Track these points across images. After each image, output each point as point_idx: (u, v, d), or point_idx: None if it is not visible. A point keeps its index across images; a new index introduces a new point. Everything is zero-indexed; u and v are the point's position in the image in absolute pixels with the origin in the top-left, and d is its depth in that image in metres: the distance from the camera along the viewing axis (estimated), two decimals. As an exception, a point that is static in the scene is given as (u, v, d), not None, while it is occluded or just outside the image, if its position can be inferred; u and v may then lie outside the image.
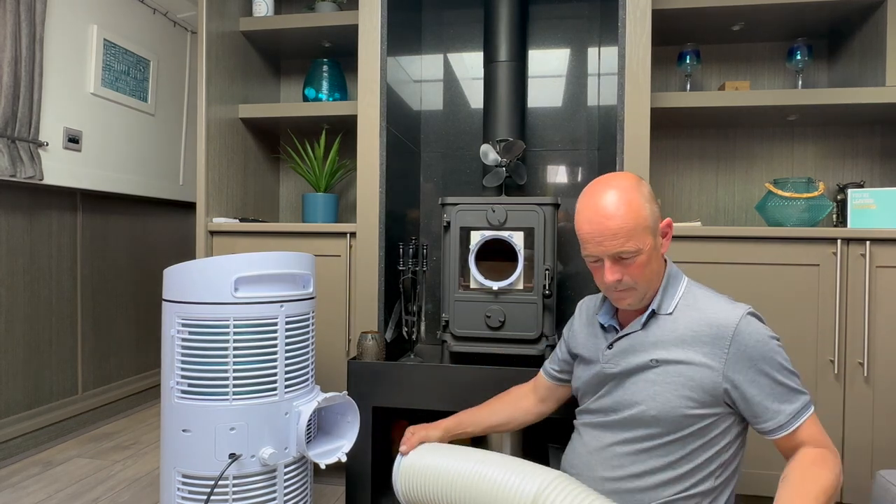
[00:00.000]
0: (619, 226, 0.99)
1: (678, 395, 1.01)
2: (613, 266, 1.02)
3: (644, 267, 1.02)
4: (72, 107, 2.35)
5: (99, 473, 2.03)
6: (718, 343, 0.99)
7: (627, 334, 1.09)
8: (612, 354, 1.10)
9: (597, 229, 1.01)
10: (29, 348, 2.27)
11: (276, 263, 1.35)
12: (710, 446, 1.02)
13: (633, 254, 1.00)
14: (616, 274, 1.02)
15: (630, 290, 1.04)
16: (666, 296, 1.07)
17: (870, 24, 1.88)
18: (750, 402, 0.99)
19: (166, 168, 2.99)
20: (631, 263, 1.01)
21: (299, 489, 1.39)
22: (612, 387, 1.09)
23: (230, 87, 2.12)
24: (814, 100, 1.81)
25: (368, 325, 1.84)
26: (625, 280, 1.03)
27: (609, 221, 1.00)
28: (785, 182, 1.82)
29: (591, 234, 1.02)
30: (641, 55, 1.72)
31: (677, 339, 1.03)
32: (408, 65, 2.13)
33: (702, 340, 1.01)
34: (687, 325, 1.03)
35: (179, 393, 1.30)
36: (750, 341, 0.98)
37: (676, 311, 1.05)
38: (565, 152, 2.16)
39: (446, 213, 1.71)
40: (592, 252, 1.04)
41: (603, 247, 1.01)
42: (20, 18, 2.05)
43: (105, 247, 2.68)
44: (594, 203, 1.03)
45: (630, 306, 1.07)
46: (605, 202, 1.01)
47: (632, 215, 1.00)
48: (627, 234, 0.99)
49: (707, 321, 1.01)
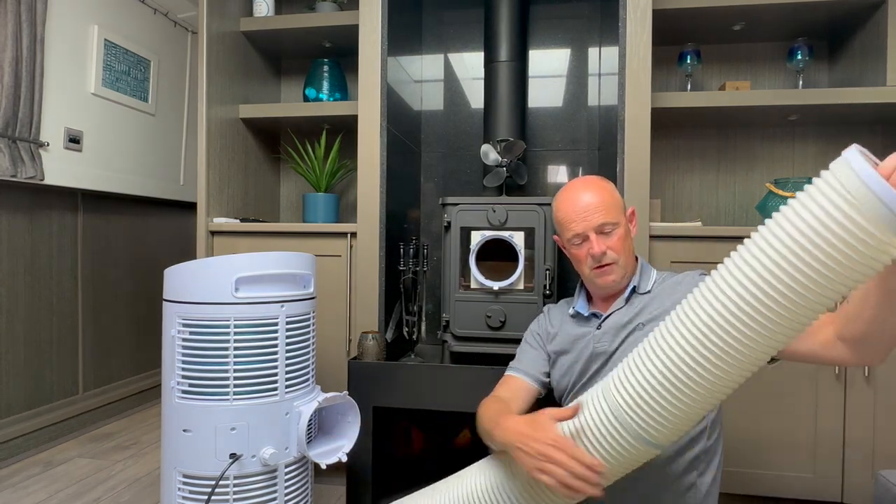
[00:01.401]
0: (600, 201, 1.15)
1: None
2: (599, 238, 1.15)
3: (623, 241, 1.15)
4: (72, 107, 2.35)
5: (99, 473, 2.03)
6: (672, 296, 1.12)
7: (612, 312, 1.18)
8: (601, 334, 1.18)
9: (580, 206, 1.15)
10: (29, 348, 2.27)
11: (277, 263, 1.35)
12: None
13: (613, 225, 1.15)
14: (602, 245, 1.14)
15: (613, 266, 1.16)
16: (643, 277, 1.20)
17: (870, 23, 1.88)
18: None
19: (167, 168, 2.99)
20: (612, 236, 1.15)
21: (300, 489, 1.39)
22: (601, 364, 1.17)
23: (231, 87, 2.12)
24: (814, 100, 1.81)
25: (369, 325, 1.84)
26: (608, 253, 1.14)
27: (590, 199, 1.15)
28: (785, 182, 1.82)
29: (576, 212, 1.16)
30: (642, 55, 1.72)
31: (658, 307, 1.13)
32: (408, 65, 2.14)
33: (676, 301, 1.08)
34: (665, 302, 1.14)
35: (180, 393, 1.30)
36: (686, 285, 1.13)
37: (654, 290, 1.18)
38: (566, 152, 2.16)
39: (447, 213, 1.71)
40: (577, 230, 1.16)
41: (587, 221, 1.15)
42: (21, 19, 2.05)
43: (106, 247, 2.68)
44: (574, 189, 1.19)
45: (614, 284, 1.17)
46: (584, 186, 1.18)
47: (608, 193, 1.17)
48: (607, 207, 1.14)
49: (677, 290, 1.14)
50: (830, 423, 1.67)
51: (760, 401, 1.71)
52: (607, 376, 0.96)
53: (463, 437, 2.02)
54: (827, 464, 1.68)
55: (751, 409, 1.71)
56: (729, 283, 0.79)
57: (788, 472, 1.70)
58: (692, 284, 1.09)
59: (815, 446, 1.69)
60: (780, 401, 1.70)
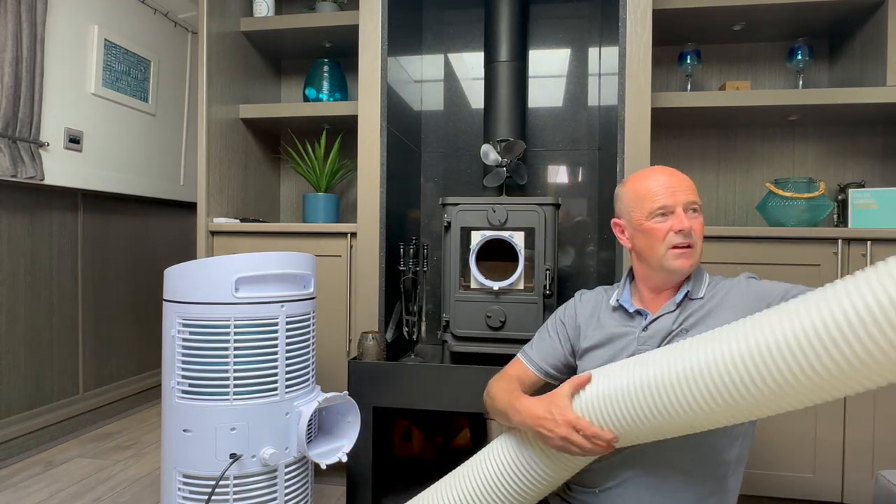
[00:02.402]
0: (682, 180, 1.12)
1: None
2: (685, 215, 1.09)
3: (702, 226, 1.12)
4: (73, 107, 2.36)
5: (100, 473, 2.04)
6: (737, 308, 1.08)
7: (662, 315, 1.13)
8: (647, 336, 1.13)
9: (669, 181, 1.12)
10: (30, 348, 2.27)
11: (277, 263, 1.35)
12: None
13: (698, 206, 1.12)
14: (685, 222, 1.09)
15: (692, 250, 1.11)
16: (696, 283, 1.15)
17: (870, 23, 1.88)
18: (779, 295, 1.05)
19: (167, 168, 2.99)
20: (696, 219, 1.11)
21: (300, 489, 1.39)
22: None
23: (231, 87, 2.12)
24: (814, 100, 1.81)
25: (369, 325, 1.84)
26: (694, 233, 1.10)
27: (679, 176, 1.13)
28: (786, 182, 1.82)
29: (665, 185, 1.11)
30: (642, 55, 1.72)
31: (705, 314, 1.10)
32: (408, 65, 2.14)
33: (727, 306, 1.10)
34: (713, 306, 1.11)
35: (180, 393, 1.30)
36: (749, 290, 1.09)
37: (705, 297, 1.13)
38: (566, 152, 2.16)
39: (447, 214, 1.71)
40: (665, 203, 1.10)
41: (676, 196, 1.10)
42: (21, 19, 2.05)
43: (106, 247, 2.68)
44: (657, 170, 1.15)
45: (689, 269, 1.12)
46: (666, 169, 1.14)
47: (688, 179, 1.13)
48: (693, 189, 1.12)
49: (725, 295, 1.12)
50: (830, 423, 1.67)
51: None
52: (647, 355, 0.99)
53: (463, 437, 2.02)
54: (827, 464, 1.68)
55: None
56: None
57: (788, 471, 1.70)
58: (743, 291, 1.09)
59: (816, 446, 1.69)
60: (780, 401, 1.70)
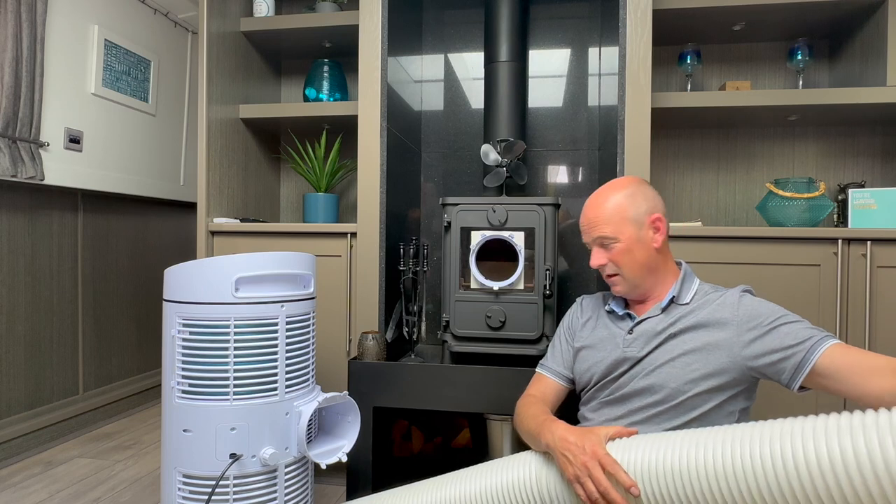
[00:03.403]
0: (597, 214, 1.18)
1: (691, 373, 1.08)
2: (598, 251, 1.19)
3: (624, 254, 1.15)
4: (73, 107, 2.36)
5: (100, 473, 2.04)
6: (727, 327, 1.08)
7: (646, 318, 1.17)
8: (632, 338, 1.17)
9: (585, 219, 1.21)
10: (30, 348, 2.27)
11: (277, 263, 1.35)
12: (710, 419, 1.08)
13: (611, 240, 1.16)
14: (599, 258, 1.18)
15: (617, 277, 1.18)
16: (683, 288, 1.18)
17: (871, 23, 1.88)
18: (776, 354, 1.03)
19: (167, 168, 2.99)
20: (612, 249, 1.16)
21: (300, 489, 1.39)
22: (628, 367, 1.16)
23: (231, 87, 2.12)
24: (815, 100, 1.81)
25: (369, 325, 1.84)
26: (608, 265, 1.18)
27: (591, 212, 1.20)
28: (786, 182, 1.82)
29: (584, 222, 1.22)
30: (642, 55, 1.72)
31: (695, 323, 1.11)
32: (408, 65, 2.14)
33: (715, 325, 1.10)
34: (701, 314, 1.12)
35: (180, 393, 1.30)
36: (745, 313, 1.08)
37: (692, 303, 1.15)
38: (566, 152, 2.16)
39: (447, 214, 1.71)
40: (585, 240, 1.23)
41: (590, 233, 1.20)
42: (21, 19, 2.05)
43: (106, 247, 2.68)
44: (589, 198, 1.23)
45: (621, 294, 1.21)
46: (594, 196, 1.21)
47: (610, 206, 1.17)
48: (605, 221, 1.16)
49: (714, 306, 1.12)
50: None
51: (760, 401, 1.71)
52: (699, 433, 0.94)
53: (463, 437, 2.02)
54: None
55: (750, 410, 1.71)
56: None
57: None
58: (734, 305, 1.09)
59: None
60: (780, 401, 1.70)
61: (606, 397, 1.17)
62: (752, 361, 1.05)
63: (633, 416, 1.12)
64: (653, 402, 1.10)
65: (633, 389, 1.12)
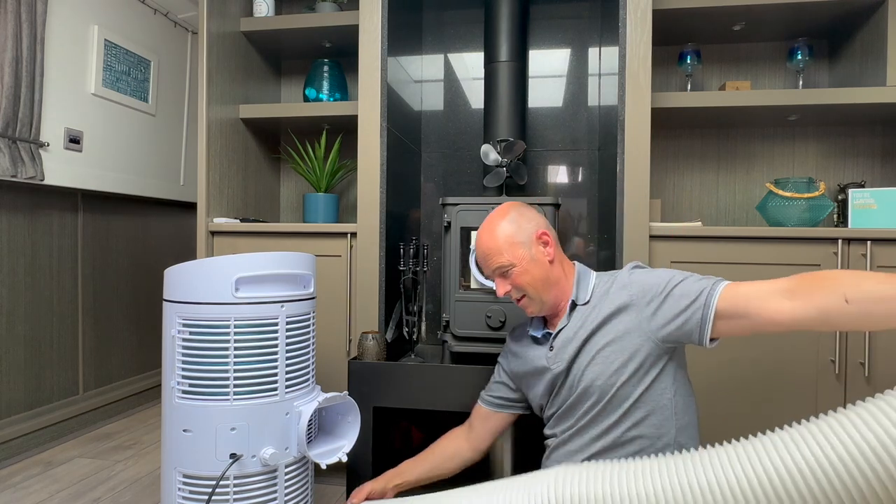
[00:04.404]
0: (490, 247, 1.21)
1: (612, 364, 1.12)
2: (500, 281, 1.22)
3: (523, 275, 1.19)
4: (73, 107, 2.36)
5: (100, 473, 2.04)
6: (630, 309, 1.13)
7: (560, 330, 1.21)
8: (554, 354, 1.21)
9: (480, 254, 1.24)
10: (30, 348, 2.27)
11: (277, 263, 1.35)
12: (647, 401, 1.11)
13: (508, 267, 1.19)
14: (504, 287, 1.21)
15: (525, 299, 1.21)
16: (580, 289, 1.22)
17: (871, 23, 1.88)
18: (678, 318, 1.06)
19: (167, 168, 2.99)
20: (511, 275, 1.20)
21: (300, 489, 1.39)
22: (562, 381, 1.20)
23: (231, 87, 2.12)
24: (815, 100, 1.81)
25: (369, 325, 1.84)
26: (513, 291, 1.21)
27: (484, 245, 1.22)
28: (786, 182, 1.82)
29: (480, 257, 1.24)
30: (642, 55, 1.72)
31: (602, 318, 1.15)
32: (408, 65, 2.14)
33: (619, 312, 1.14)
34: (604, 307, 1.16)
35: (180, 393, 1.30)
36: (642, 285, 1.13)
37: (593, 300, 1.20)
38: (566, 152, 2.16)
39: (447, 214, 1.71)
40: (485, 273, 1.26)
41: (488, 266, 1.23)
42: (21, 19, 2.05)
43: (106, 247, 2.68)
44: (478, 237, 1.26)
45: (536, 314, 1.24)
46: (481, 234, 1.25)
47: (499, 236, 1.21)
48: (498, 251, 1.20)
49: (612, 295, 1.17)
50: (830, 423, 1.67)
51: (759, 401, 1.71)
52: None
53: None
54: (827, 464, 1.68)
55: (750, 410, 1.71)
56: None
57: (788, 472, 1.70)
58: (627, 286, 1.14)
59: (816, 446, 1.69)
60: (780, 401, 1.70)
61: (556, 412, 1.22)
62: (660, 332, 1.09)
63: (581, 422, 1.16)
64: (591, 404, 1.14)
65: (574, 399, 1.17)
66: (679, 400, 1.13)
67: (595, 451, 1.13)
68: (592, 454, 1.13)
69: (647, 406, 1.11)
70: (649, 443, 1.11)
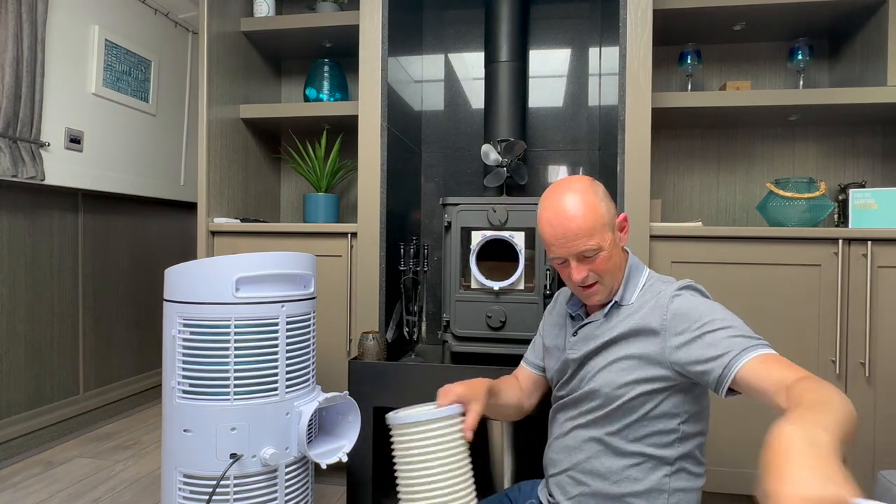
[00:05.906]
0: (580, 226, 1.05)
1: (624, 377, 1.06)
2: (579, 265, 1.08)
3: (607, 261, 1.08)
4: (73, 107, 2.36)
5: (100, 473, 2.04)
6: (655, 338, 1.04)
7: (590, 322, 1.15)
8: (575, 341, 1.15)
9: (560, 231, 1.07)
10: (30, 348, 2.27)
11: (278, 263, 1.35)
12: (652, 421, 1.06)
13: (595, 251, 1.06)
14: (582, 272, 1.08)
15: (597, 286, 1.10)
16: (627, 288, 1.13)
17: (871, 23, 1.88)
18: (699, 365, 0.99)
19: (167, 168, 2.99)
20: (594, 260, 1.07)
21: (300, 489, 1.39)
22: (574, 369, 1.15)
23: (231, 87, 2.12)
24: (815, 100, 1.81)
25: (369, 325, 1.84)
26: (590, 276, 1.09)
27: (570, 223, 1.06)
28: (786, 182, 1.82)
29: (555, 236, 1.08)
30: (642, 55, 1.72)
31: (628, 330, 1.07)
32: (408, 65, 2.14)
33: (650, 328, 1.05)
34: (635, 319, 1.07)
35: (181, 393, 1.30)
36: (678, 315, 1.03)
37: (637, 302, 1.10)
38: (566, 152, 2.16)
39: (447, 214, 1.71)
40: (558, 254, 1.09)
41: (567, 248, 1.07)
42: (22, 19, 2.05)
43: (106, 247, 2.68)
44: (555, 207, 1.09)
45: (598, 301, 1.13)
46: (564, 205, 1.07)
47: (591, 215, 1.06)
48: (588, 232, 1.05)
49: (646, 311, 1.07)
50: (831, 424, 1.67)
51: (761, 401, 1.71)
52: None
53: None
54: (827, 464, 1.68)
55: (750, 409, 1.71)
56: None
57: (789, 472, 1.70)
58: (664, 309, 1.04)
59: (816, 446, 1.68)
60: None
61: (563, 398, 1.18)
62: (678, 367, 1.02)
63: (582, 419, 1.13)
64: (594, 406, 1.10)
65: (581, 393, 1.13)
66: (686, 428, 1.08)
67: (594, 453, 1.12)
68: (592, 455, 1.12)
69: (648, 427, 1.07)
70: (651, 465, 1.07)
